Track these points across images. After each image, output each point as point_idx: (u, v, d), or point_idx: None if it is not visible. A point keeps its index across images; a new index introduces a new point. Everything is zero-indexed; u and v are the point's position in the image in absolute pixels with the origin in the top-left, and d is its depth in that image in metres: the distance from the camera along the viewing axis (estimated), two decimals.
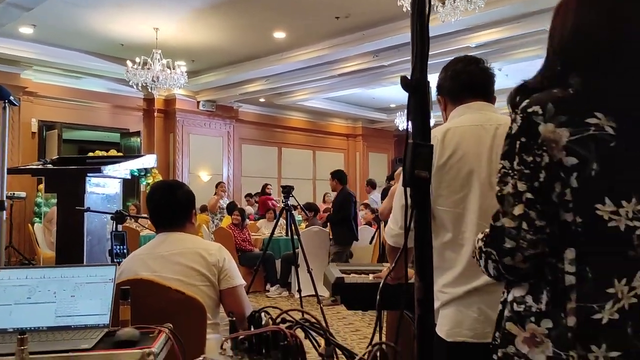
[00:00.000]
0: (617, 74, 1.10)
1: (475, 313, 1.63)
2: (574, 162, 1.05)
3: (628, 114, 1.07)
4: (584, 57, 1.12)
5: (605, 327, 1.02)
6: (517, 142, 1.11)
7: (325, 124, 15.11)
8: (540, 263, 1.10)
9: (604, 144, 1.05)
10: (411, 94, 1.11)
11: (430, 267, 1.11)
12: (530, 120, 1.09)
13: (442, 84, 1.89)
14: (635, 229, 1.03)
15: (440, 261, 1.72)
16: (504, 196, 1.12)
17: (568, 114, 1.07)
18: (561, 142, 1.06)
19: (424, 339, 1.10)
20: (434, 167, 1.69)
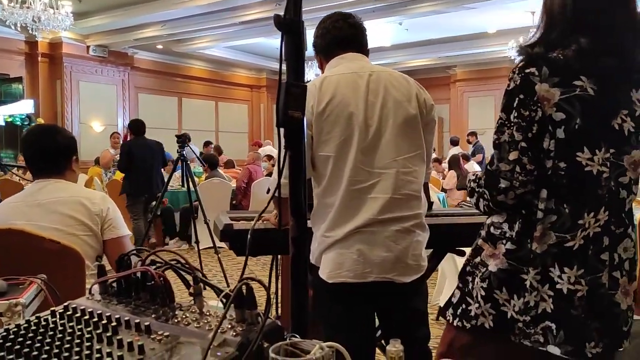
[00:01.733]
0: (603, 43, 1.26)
1: (355, 254, 1.69)
2: (562, 117, 1.23)
3: (606, 78, 1.26)
4: (580, 24, 1.27)
5: (576, 252, 1.26)
6: (516, 98, 1.27)
7: (228, 74, 14.73)
8: (523, 200, 1.30)
9: (585, 103, 1.23)
10: (285, 34, 1.10)
11: (304, 206, 1.13)
12: (528, 79, 1.25)
13: (315, 43, 1.93)
14: (603, 172, 1.26)
15: (322, 207, 1.76)
16: (501, 144, 1.29)
17: (560, 76, 1.24)
18: (553, 100, 1.24)
19: (297, 277, 1.12)
20: (314, 115, 1.72)
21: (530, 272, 1.28)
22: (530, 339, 1.29)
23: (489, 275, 1.33)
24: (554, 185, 1.27)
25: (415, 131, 1.80)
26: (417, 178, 1.79)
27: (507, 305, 1.31)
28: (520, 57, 1.31)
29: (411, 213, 1.75)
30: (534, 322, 1.29)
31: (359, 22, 1.92)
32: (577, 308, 1.26)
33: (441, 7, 9.20)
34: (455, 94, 14.87)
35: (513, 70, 1.29)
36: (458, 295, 1.42)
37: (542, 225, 1.27)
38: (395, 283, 1.72)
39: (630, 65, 1.30)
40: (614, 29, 1.27)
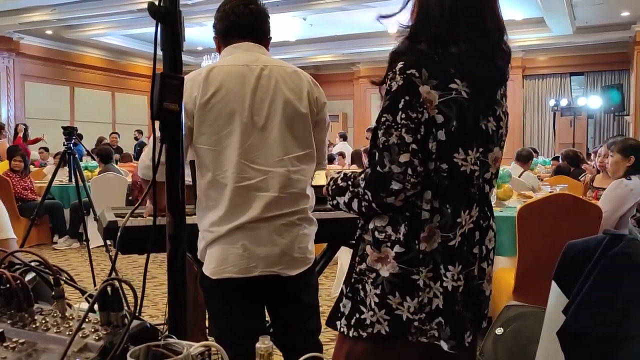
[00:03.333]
0: (474, 48, 1.29)
1: (240, 249, 1.67)
2: (442, 120, 1.25)
3: (479, 81, 1.29)
4: (456, 28, 1.29)
5: (457, 250, 1.29)
6: (402, 99, 1.25)
7: (125, 64, 14.07)
8: (407, 201, 1.29)
9: (460, 106, 1.26)
10: (160, 22, 1.06)
11: (182, 203, 1.09)
12: (411, 81, 1.25)
13: (214, 24, 1.85)
14: (475, 171, 1.30)
15: (205, 200, 1.73)
16: (390, 146, 1.26)
17: (437, 79, 1.25)
18: (434, 103, 1.25)
19: (175, 276, 1.09)
20: (197, 106, 1.67)
21: (422, 271, 1.29)
22: (427, 335, 1.31)
23: (382, 282, 1.31)
24: (437, 185, 1.28)
25: (304, 130, 1.79)
26: (305, 177, 1.79)
27: (401, 309, 1.30)
28: (402, 48, 1.30)
29: (297, 208, 1.75)
30: (429, 319, 1.30)
31: (261, 9, 1.84)
32: (459, 303, 1.30)
33: (344, 4, 9.37)
34: (359, 90, 15.22)
35: (393, 71, 1.29)
36: (349, 305, 1.37)
37: (429, 225, 1.28)
38: (281, 277, 1.72)
39: (499, 67, 1.34)
40: (487, 30, 1.31)
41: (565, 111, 12.94)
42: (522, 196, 4.15)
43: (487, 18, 1.32)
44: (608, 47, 12.09)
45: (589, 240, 1.28)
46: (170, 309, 1.09)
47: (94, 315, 0.85)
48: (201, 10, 8.98)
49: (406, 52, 1.29)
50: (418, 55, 1.27)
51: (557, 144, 13.06)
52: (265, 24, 1.85)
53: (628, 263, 1.14)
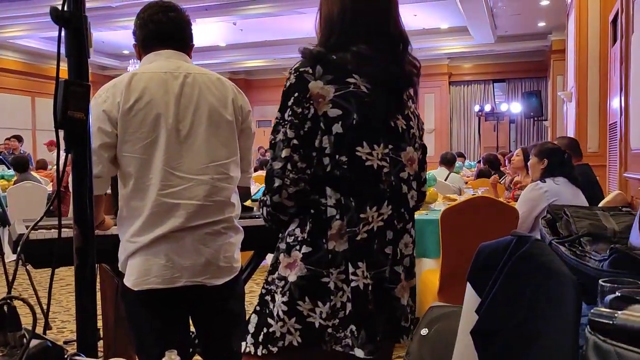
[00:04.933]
0: (376, 49, 1.31)
1: (163, 260, 1.63)
2: (339, 113, 1.25)
3: (381, 81, 1.31)
4: (357, 32, 1.31)
5: (362, 245, 1.26)
6: (291, 97, 1.26)
7: (46, 68, 13.41)
8: (303, 201, 1.28)
9: (361, 99, 1.26)
10: (64, 28, 1.02)
11: (90, 214, 1.05)
12: (302, 77, 1.26)
13: (134, 32, 1.80)
14: (383, 167, 1.29)
15: (128, 210, 1.68)
16: (276, 143, 1.27)
17: (333, 74, 1.26)
18: (328, 97, 1.25)
19: (82, 292, 1.04)
20: (120, 113, 1.62)
21: (333, 273, 1.25)
22: (341, 344, 1.25)
23: (290, 287, 1.25)
24: (338, 179, 1.26)
25: (230, 137, 1.77)
26: (231, 184, 1.77)
27: (312, 315, 1.24)
28: (302, 57, 1.32)
29: (222, 217, 1.73)
30: (343, 325, 1.25)
31: (181, 16, 1.80)
32: (370, 302, 1.25)
33: (273, 10, 9.38)
34: None
35: (289, 71, 1.31)
36: (255, 321, 1.31)
37: (337, 222, 1.25)
38: (207, 286, 1.70)
39: (405, 71, 1.37)
40: (390, 36, 1.35)
41: (489, 116, 13.52)
42: (447, 199, 4.28)
43: (390, 25, 1.36)
44: (527, 55, 12.76)
45: (499, 242, 1.33)
46: (78, 325, 1.05)
47: None
48: (126, 13, 8.73)
49: (304, 55, 1.31)
50: (314, 54, 1.29)
51: (482, 148, 13.61)
52: (185, 31, 1.81)
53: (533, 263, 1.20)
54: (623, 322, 0.79)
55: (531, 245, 1.22)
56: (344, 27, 1.32)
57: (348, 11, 1.32)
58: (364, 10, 1.33)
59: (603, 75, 5.64)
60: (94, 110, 1.47)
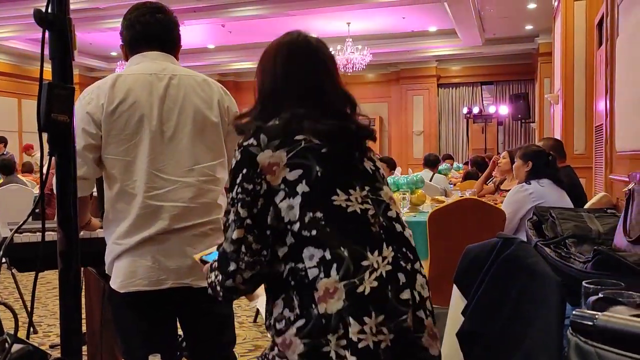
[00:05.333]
0: (312, 107, 1.26)
1: (149, 262, 1.63)
2: (300, 173, 1.18)
3: (328, 134, 1.24)
4: (292, 97, 1.27)
5: (371, 296, 1.10)
6: (240, 174, 1.20)
7: (33, 69, 13.27)
8: (260, 282, 1.21)
9: (317, 152, 1.20)
10: (48, 30, 1.02)
11: (74, 217, 1.05)
12: (248, 152, 1.20)
13: (121, 32, 1.80)
14: (367, 210, 1.20)
15: (113, 212, 1.67)
16: (230, 224, 1.19)
17: (280, 137, 1.20)
18: (282, 162, 1.18)
19: (66, 296, 1.04)
20: (104, 115, 1.62)
21: (331, 340, 1.10)
22: None
23: None
24: (317, 238, 1.14)
25: (216, 139, 1.77)
26: (217, 186, 1.77)
27: None
28: (242, 127, 1.29)
29: (208, 219, 1.72)
30: None
31: (168, 17, 1.79)
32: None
33: (263, 12, 9.36)
34: None
35: (234, 149, 1.25)
36: None
37: (322, 281, 1.12)
38: (193, 288, 1.69)
39: (352, 130, 1.30)
40: (329, 99, 1.30)
41: (477, 118, 13.60)
42: (435, 201, 4.31)
43: (328, 87, 1.32)
44: (515, 58, 12.85)
45: (485, 244, 1.34)
46: (62, 329, 1.04)
47: None
48: (114, 14, 8.68)
49: (244, 129, 1.28)
50: (256, 126, 1.25)
51: (471, 150, 13.69)
52: (173, 32, 1.81)
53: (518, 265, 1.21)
54: (603, 324, 0.80)
55: (516, 248, 1.23)
56: (277, 94, 1.29)
57: (279, 78, 1.30)
58: (296, 76, 1.30)
59: (589, 78, 5.70)
60: (78, 112, 1.47)
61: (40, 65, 1.01)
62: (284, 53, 1.32)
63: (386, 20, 10.65)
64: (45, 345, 3.45)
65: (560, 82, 6.42)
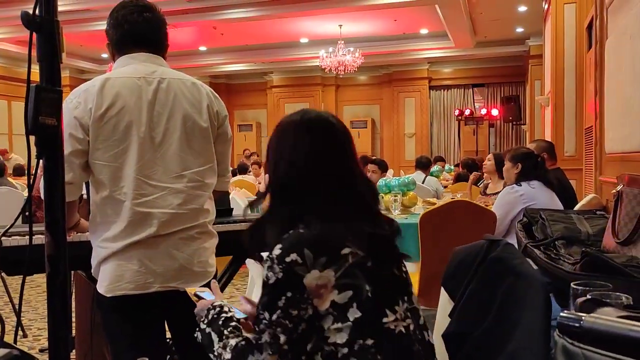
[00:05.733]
0: (345, 204, 1.15)
1: (136, 265, 1.62)
2: (350, 295, 1.07)
3: (368, 246, 1.12)
4: (318, 188, 1.15)
5: None
6: (283, 297, 1.07)
7: (22, 71, 13.21)
8: None
9: (364, 267, 1.10)
10: (35, 33, 1.01)
11: (62, 220, 1.04)
12: (293, 272, 1.07)
13: (107, 31, 1.77)
14: (409, 326, 1.13)
15: (101, 216, 1.66)
16: (262, 344, 1.08)
17: (326, 254, 1.08)
18: (330, 284, 1.07)
19: (54, 302, 1.03)
20: (91, 119, 1.60)
21: None
22: None
23: None
24: None
25: (205, 144, 1.75)
26: (206, 192, 1.76)
27: None
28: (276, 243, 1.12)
29: (196, 223, 1.72)
30: None
31: (157, 16, 1.76)
32: None
33: (255, 14, 9.35)
34: (272, 100, 15.23)
35: (271, 258, 1.10)
36: None
37: None
38: (181, 291, 1.68)
39: (386, 230, 1.21)
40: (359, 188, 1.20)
41: (468, 120, 13.66)
42: (427, 203, 4.32)
43: (358, 182, 1.21)
44: (506, 60, 12.93)
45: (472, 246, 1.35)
46: (50, 334, 1.04)
47: None
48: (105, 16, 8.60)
49: (274, 230, 1.14)
50: (295, 234, 1.11)
51: (462, 152, 13.74)
52: (161, 32, 1.78)
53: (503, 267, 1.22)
54: (590, 325, 0.81)
55: (502, 249, 1.24)
56: (299, 185, 1.16)
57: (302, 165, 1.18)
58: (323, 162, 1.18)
59: (579, 80, 5.74)
60: (65, 116, 1.45)
61: (27, 68, 1.00)
62: (303, 133, 1.19)
63: (378, 22, 10.68)
64: (35, 349, 3.42)
65: (550, 84, 6.46)
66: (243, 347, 1.11)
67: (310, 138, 1.18)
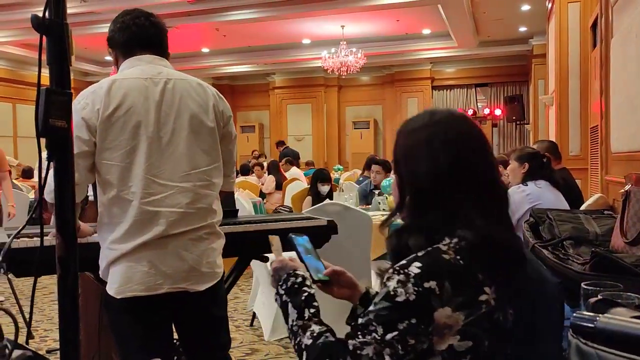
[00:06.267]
0: (496, 222, 1.05)
1: (146, 267, 1.62)
2: (469, 346, 0.99)
3: (505, 281, 1.03)
4: (462, 193, 1.05)
5: None
6: (406, 320, 0.97)
7: (28, 74, 13.26)
8: None
9: (491, 318, 1.01)
10: (45, 35, 1.01)
11: (73, 223, 1.04)
12: (427, 300, 0.97)
13: (112, 36, 1.80)
14: None
15: (108, 217, 1.67)
16: (361, 356, 0.98)
17: (464, 294, 0.99)
18: (456, 327, 0.98)
19: (64, 301, 1.03)
20: (99, 120, 1.61)
21: None
22: None
23: None
24: None
25: (212, 143, 1.77)
26: (213, 191, 1.77)
27: None
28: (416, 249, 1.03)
29: (205, 223, 1.72)
30: None
31: (161, 22, 1.83)
32: None
33: (257, 16, 9.37)
34: (275, 101, 15.25)
35: (405, 271, 1.00)
36: None
37: None
38: (189, 292, 1.69)
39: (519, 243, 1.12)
40: (500, 197, 1.10)
41: None
42: None
43: (503, 193, 1.11)
44: (509, 60, 12.91)
45: None
46: (61, 335, 1.04)
47: None
48: (109, 19, 8.65)
49: (418, 238, 1.04)
50: (438, 258, 1.00)
51: None
52: (164, 37, 1.83)
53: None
54: (604, 326, 0.80)
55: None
56: (440, 189, 1.07)
57: (443, 167, 1.07)
58: (468, 163, 1.08)
59: (584, 79, 5.73)
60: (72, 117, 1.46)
61: (37, 71, 1.00)
62: (447, 130, 1.10)
63: (380, 23, 10.68)
64: (42, 350, 3.43)
65: (554, 84, 6.45)
66: (334, 345, 1.03)
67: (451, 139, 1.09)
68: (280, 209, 6.01)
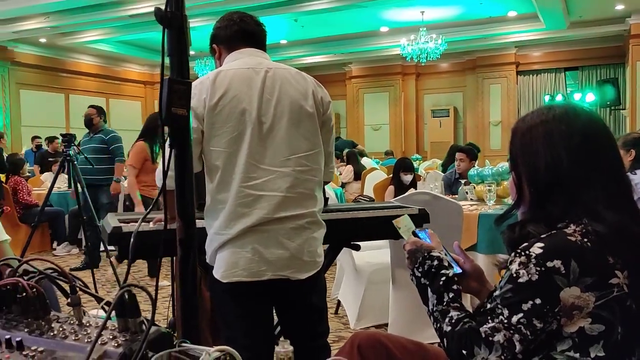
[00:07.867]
0: (629, 216, 1.03)
1: (250, 253, 1.68)
2: (601, 329, 0.96)
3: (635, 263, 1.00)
4: (589, 189, 1.04)
5: None
6: (530, 302, 0.97)
7: (119, 70, 14.05)
8: None
9: (624, 305, 0.98)
10: (166, 28, 1.06)
11: (192, 206, 1.09)
12: (551, 280, 0.96)
13: (217, 33, 1.91)
14: None
15: (214, 204, 1.73)
16: (493, 342, 0.99)
17: (594, 275, 0.96)
18: (587, 309, 0.96)
19: (186, 281, 1.09)
20: (206, 109, 1.69)
21: None
22: None
23: None
24: None
25: (312, 129, 1.80)
26: (315, 177, 1.80)
27: None
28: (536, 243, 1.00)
29: (306, 211, 1.75)
30: None
31: (263, 24, 1.95)
32: None
33: (335, 4, 9.37)
34: (351, 90, 15.24)
35: (526, 252, 0.99)
36: None
37: None
38: (291, 280, 1.73)
39: None
40: (626, 183, 1.08)
41: None
42: None
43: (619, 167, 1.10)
44: (602, 41, 12.11)
45: None
46: (182, 314, 1.09)
47: (111, 322, 0.85)
48: (192, 14, 8.97)
49: (538, 226, 1.03)
50: (563, 239, 0.99)
51: None
52: (265, 36, 1.93)
53: None
54: None
55: None
56: (563, 185, 1.05)
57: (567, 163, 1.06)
58: (595, 158, 1.07)
59: None
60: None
61: (161, 62, 1.05)
62: (567, 124, 1.08)
63: (462, 6, 10.37)
64: None
65: None
66: (469, 333, 1.04)
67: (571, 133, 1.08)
68: (360, 199, 6.00)
